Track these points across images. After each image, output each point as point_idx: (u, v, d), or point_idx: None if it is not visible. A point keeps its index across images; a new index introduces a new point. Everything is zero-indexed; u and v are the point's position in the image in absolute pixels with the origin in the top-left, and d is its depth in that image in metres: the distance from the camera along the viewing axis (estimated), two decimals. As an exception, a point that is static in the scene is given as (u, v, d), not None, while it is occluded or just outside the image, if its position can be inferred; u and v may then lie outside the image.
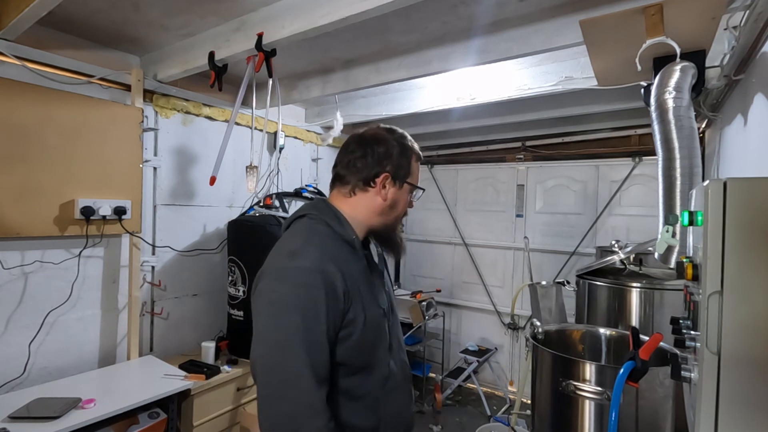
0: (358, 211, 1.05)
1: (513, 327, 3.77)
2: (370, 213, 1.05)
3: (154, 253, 2.51)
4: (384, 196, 1.04)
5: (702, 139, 2.60)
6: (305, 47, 2.21)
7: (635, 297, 1.83)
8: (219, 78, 2.04)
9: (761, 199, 0.65)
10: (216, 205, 2.84)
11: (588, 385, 1.19)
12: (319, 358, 0.89)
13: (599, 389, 1.17)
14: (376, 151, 1.04)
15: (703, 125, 2.45)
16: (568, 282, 2.33)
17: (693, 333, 0.76)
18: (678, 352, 0.89)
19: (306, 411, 0.86)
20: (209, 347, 2.43)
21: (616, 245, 2.01)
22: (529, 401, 1.55)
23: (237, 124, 2.82)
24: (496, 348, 3.88)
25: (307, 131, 3.51)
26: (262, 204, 2.85)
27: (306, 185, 3.46)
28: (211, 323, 2.81)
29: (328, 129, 3.24)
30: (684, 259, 0.83)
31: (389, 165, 1.04)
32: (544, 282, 2.46)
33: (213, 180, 2.21)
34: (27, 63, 1.95)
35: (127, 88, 2.31)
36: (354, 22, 1.55)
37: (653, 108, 1.31)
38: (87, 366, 2.20)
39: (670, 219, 1.17)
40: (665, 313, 1.74)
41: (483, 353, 3.74)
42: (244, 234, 2.54)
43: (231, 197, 2.93)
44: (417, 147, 1.11)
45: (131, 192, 2.27)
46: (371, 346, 1.00)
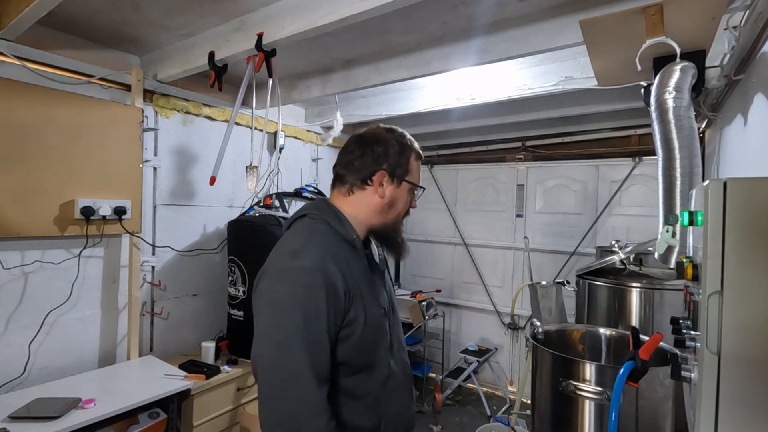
0: (358, 210, 1.05)
1: (513, 327, 3.77)
2: (369, 212, 1.05)
3: (154, 253, 2.51)
4: (381, 193, 1.04)
5: (702, 139, 2.59)
6: (305, 47, 2.22)
7: (635, 297, 1.83)
8: (219, 78, 2.04)
9: (761, 199, 0.65)
10: (216, 205, 2.84)
11: (588, 385, 1.19)
12: (320, 357, 0.89)
13: (599, 389, 1.17)
14: (374, 150, 1.04)
15: (703, 125, 2.45)
16: (568, 282, 2.33)
17: (693, 333, 0.76)
18: (678, 352, 0.89)
19: (307, 410, 0.86)
20: (209, 347, 2.43)
21: (616, 245, 2.01)
22: (529, 401, 1.55)
23: (237, 124, 2.82)
24: (496, 348, 3.88)
25: (307, 131, 3.52)
26: (262, 204, 2.85)
27: (306, 185, 3.46)
28: (211, 323, 2.81)
29: (328, 129, 3.24)
30: (684, 259, 0.83)
31: (386, 163, 1.04)
32: (544, 282, 2.46)
33: (213, 180, 2.22)
34: (27, 63, 1.95)
35: (127, 88, 2.31)
36: (354, 22, 1.55)
37: (653, 108, 1.31)
38: (87, 366, 2.21)
39: (670, 219, 1.17)
40: (665, 313, 1.74)
41: (483, 353, 3.74)
42: (244, 234, 2.54)
43: (231, 197, 2.93)
44: (417, 146, 1.11)
45: (131, 192, 2.27)
46: (372, 345, 1.00)
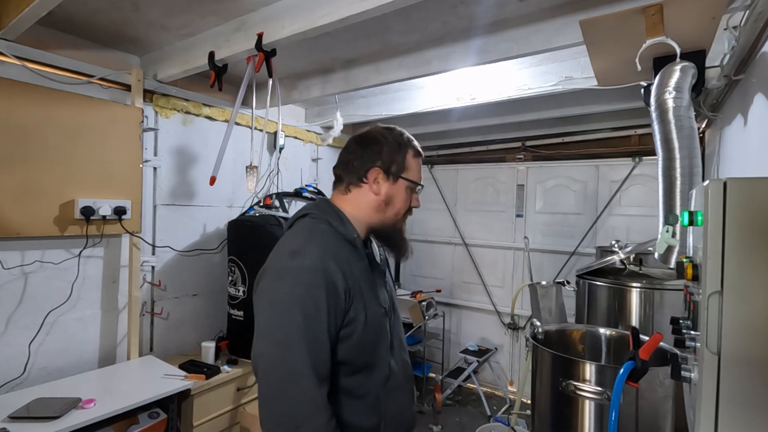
0: (357, 209, 1.06)
1: (513, 327, 3.77)
2: (367, 209, 1.06)
3: (154, 253, 2.51)
4: (376, 191, 1.04)
5: (702, 139, 2.59)
6: (305, 47, 2.21)
7: (635, 297, 1.83)
8: (219, 78, 2.04)
9: (761, 199, 0.65)
10: (216, 205, 2.84)
11: (588, 385, 1.19)
12: (320, 356, 0.89)
13: (599, 389, 1.17)
14: (370, 149, 1.06)
15: (703, 125, 2.44)
16: (568, 282, 2.33)
17: (693, 333, 0.76)
18: (678, 352, 0.89)
19: (307, 410, 0.86)
20: (209, 347, 2.43)
21: (616, 245, 2.01)
22: (529, 401, 1.55)
23: (237, 124, 2.82)
24: (496, 348, 3.88)
25: (307, 131, 3.51)
26: (262, 204, 2.85)
27: (306, 185, 3.46)
28: (211, 323, 2.81)
29: (328, 129, 3.24)
30: (684, 259, 0.83)
31: (380, 160, 1.04)
32: (544, 282, 2.45)
33: (213, 180, 2.22)
34: (27, 63, 1.95)
35: (127, 88, 2.31)
36: (354, 22, 1.55)
37: (653, 108, 1.31)
38: (87, 366, 2.21)
39: (670, 219, 1.17)
40: (665, 313, 1.74)
41: (483, 353, 3.74)
42: (244, 234, 2.54)
43: (231, 197, 2.93)
44: (417, 144, 1.11)
45: (131, 192, 2.27)
46: (372, 345, 1.00)
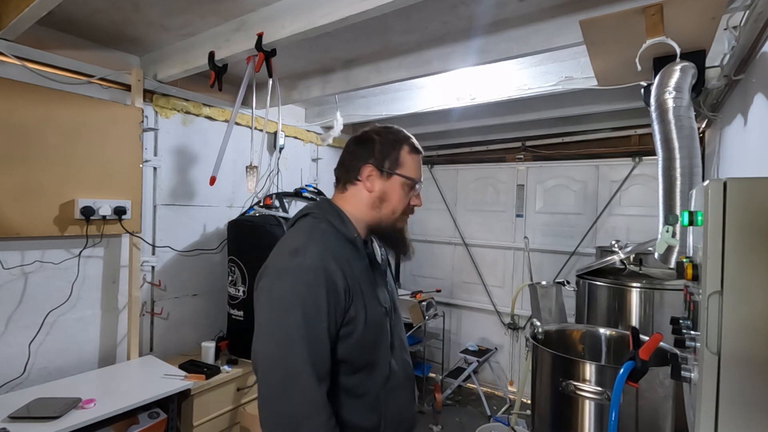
0: (355, 208, 1.06)
1: (513, 327, 3.77)
2: (362, 207, 1.06)
3: (154, 253, 2.51)
4: (370, 187, 1.05)
5: (702, 139, 2.59)
6: (305, 47, 2.21)
7: (635, 297, 1.83)
8: (219, 78, 2.04)
9: (761, 199, 0.65)
10: (216, 205, 2.84)
11: (588, 385, 1.19)
12: (320, 355, 0.90)
13: (599, 389, 1.17)
14: (364, 147, 1.07)
15: (703, 125, 2.44)
16: (568, 282, 2.33)
17: (693, 333, 0.76)
18: (678, 352, 0.89)
19: (307, 409, 0.86)
20: (209, 347, 2.43)
21: (616, 245, 2.01)
22: (529, 401, 1.55)
23: (237, 124, 2.82)
24: (496, 348, 3.88)
25: (307, 131, 3.51)
26: (262, 204, 2.85)
27: (306, 185, 3.46)
28: (211, 323, 2.81)
29: (328, 129, 3.24)
30: (684, 259, 0.83)
31: (372, 157, 1.05)
32: (544, 282, 2.46)
33: (213, 180, 2.22)
34: (27, 63, 1.95)
35: (127, 88, 2.31)
36: (354, 22, 1.55)
37: (653, 108, 1.31)
38: (87, 366, 2.20)
39: (670, 219, 1.17)
40: (665, 313, 1.74)
41: (483, 353, 3.73)
42: (244, 234, 2.54)
43: (231, 197, 2.93)
44: (414, 141, 1.10)
45: (131, 192, 2.27)
46: (373, 344, 1.00)
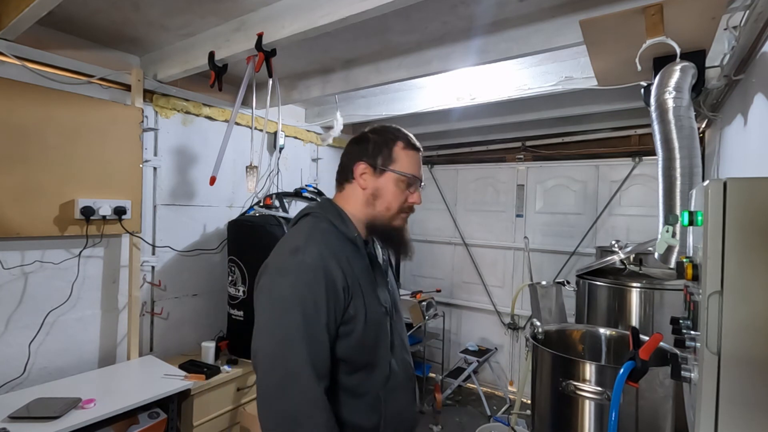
0: (352, 206, 1.07)
1: (513, 327, 3.77)
2: (358, 205, 1.07)
3: (154, 253, 2.51)
4: (363, 185, 1.06)
5: (702, 139, 2.59)
6: (305, 47, 2.21)
7: (635, 297, 1.83)
8: (219, 78, 2.04)
9: (761, 199, 0.65)
10: (216, 205, 2.84)
11: (588, 385, 1.19)
12: (320, 355, 0.90)
13: (599, 389, 1.17)
14: (359, 146, 1.08)
15: (703, 125, 2.44)
16: (568, 282, 2.33)
17: (693, 333, 0.76)
18: (678, 352, 0.89)
19: (307, 409, 0.86)
20: (209, 347, 2.43)
21: (616, 245, 2.01)
22: (529, 401, 1.55)
23: (237, 124, 2.82)
24: (496, 348, 3.88)
25: (307, 131, 3.51)
26: (262, 204, 2.85)
27: (306, 185, 3.46)
28: (211, 323, 2.81)
29: (328, 129, 3.24)
30: (684, 259, 0.83)
31: (365, 155, 1.06)
32: (544, 282, 2.45)
33: (213, 180, 2.22)
34: (27, 63, 1.95)
35: (127, 88, 2.31)
36: (354, 22, 1.55)
37: (653, 108, 1.31)
38: (87, 366, 2.20)
39: (670, 219, 1.17)
40: (665, 313, 1.74)
41: (483, 353, 3.73)
42: (244, 234, 2.54)
43: (231, 197, 2.93)
44: (410, 137, 1.10)
45: (131, 192, 2.27)
46: (373, 344, 1.00)
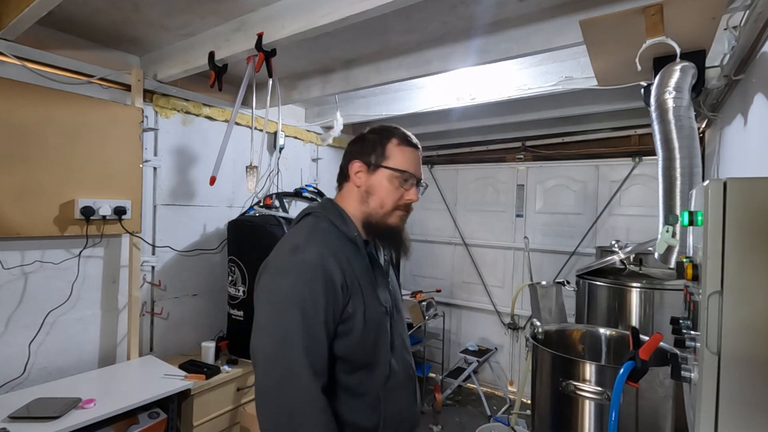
0: (349, 205, 1.08)
1: (513, 327, 3.77)
2: (355, 203, 1.08)
3: (154, 253, 2.51)
4: (358, 183, 1.07)
5: (702, 139, 2.59)
6: (305, 47, 2.21)
7: (635, 297, 1.83)
8: (219, 78, 2.04)
9: (761, 199, 0.65)
10: (216, 205, 2.84)
11: (588, 385, 1.19)
12: (319, 355, 0.90)
13: (599, 389, 1.17)
14: (356, 145, 1.09)
15: (703, 125, 2.44)
16: (568, 282, 2.33)
17: (693, 333, 0.76)
18: (678, 352, 0.89)
19: (306, 408, 0.87)
20: (209, 347, 2.43)
21: (616, 245, 2.01)
22: (529, 401, 1.55)
23: (237, 124, 2.82)
24: (496, 348, 3.88)
25: (307, 131, 3.51)
26: (262, 204, 2.85)
27: (306, 185, 3.46)
28: (211, 323, 2.81)
29: (328, 129, 3.24)
30: (684, 259, 0.83)
31: (360, 153, 1.07)
32: (544, 282, 2.46)
33: (213, 180, 2.21)
34: (27, 63, 1.95)
35: (127, 88, 2.31)
36: (354, 22, 1.55)
37: (653, 108, 1.31)
38: (87, 366, 2.20)
39: (670, 219, 1.17)
40: (665, 313, 1.74)
41: (483, 353, 3.73)
42: (244, 234, 2.54)
43: (231, 197, 2.93)
44: (406, 134, 1.09)
45: (131, 192, 2.27)
46: (372, 343, 1.00)
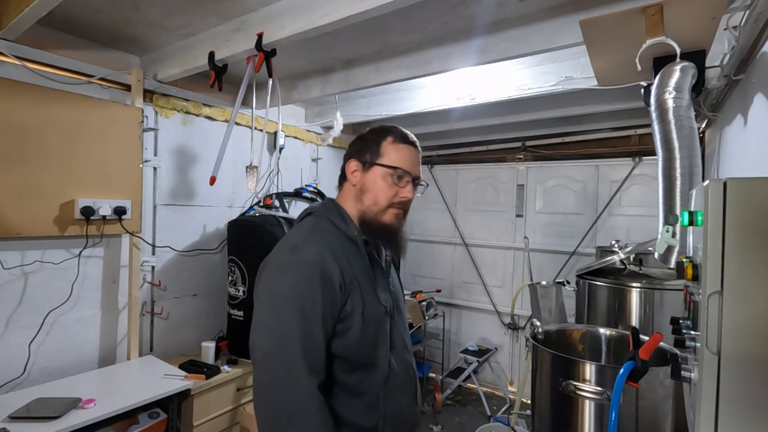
0: (347, 204, 1.08)
1: (513, 327, 3.77)
2: (351, 201, 1.08)
3: (154, 253, 2.51)
4: (353, 181, 1.08)
5: (702, 139, 2.59)
6: (305, 47, 2.21)
7: (635, 297, 1.83)
8: (219, 78, 2.04)
9: (761, 199, 0.65)
10: (216, 205, 2.84)
11: (588, 385, 1.19)
12: (317, 355, 0.91)
13: (599, 389, 1.17)
14: (354, 145, 1.10)
15: (703, 125, 2.44)
16: (568, 282, 2.33)
17: (693, 333, 0.76)
18: (678, 352, 0.89)
19: (303, 406, 0.87)
20: (209, 347, 2.43)
21: (616, 245, 2.01)
22: (529, 401, 1.55)
23: (237, 124, 2.82)
24: (496, 348, 3.88)
25: (307, 131, 3.51)
26: (262, 204, 2.85)
27: (306, 185, 3.46)
28: (211, 323, 2.81)
29: (328, 129, 3.24)
30: (684, 259, 0.83)
31: (356, 152, 1.08)
32: (544, 282, 2.46)
33: (213, 180, 2.21)
34: (27, 63, 1.95)
35: (127, 88, 2.31)
36: (354, 22, 1.55)
37: (653, 108, 1.31)
38: (87, 366, 2.20)
39: (670, 219, 1.17)
40: (665, 313, 1.74)
41: (483, 353, 3.74)
42: (244, 234, 2.54)
43: (231, 197, 2.93)
44: (404, 132, 1.09)
45: (131, 192, 2.27)
46: (371, 343, 1.00)
